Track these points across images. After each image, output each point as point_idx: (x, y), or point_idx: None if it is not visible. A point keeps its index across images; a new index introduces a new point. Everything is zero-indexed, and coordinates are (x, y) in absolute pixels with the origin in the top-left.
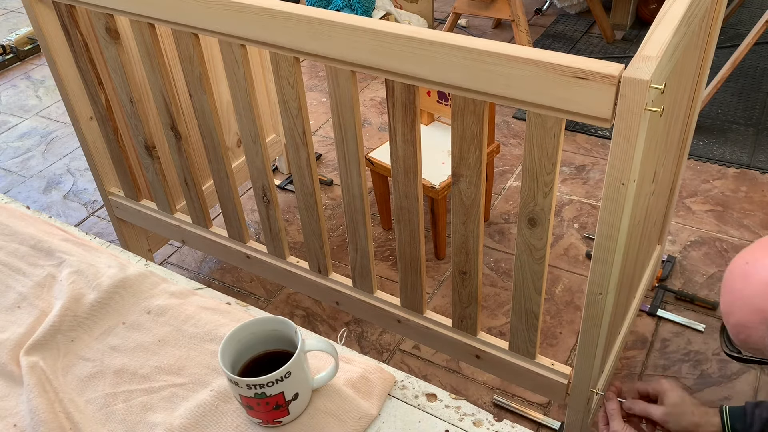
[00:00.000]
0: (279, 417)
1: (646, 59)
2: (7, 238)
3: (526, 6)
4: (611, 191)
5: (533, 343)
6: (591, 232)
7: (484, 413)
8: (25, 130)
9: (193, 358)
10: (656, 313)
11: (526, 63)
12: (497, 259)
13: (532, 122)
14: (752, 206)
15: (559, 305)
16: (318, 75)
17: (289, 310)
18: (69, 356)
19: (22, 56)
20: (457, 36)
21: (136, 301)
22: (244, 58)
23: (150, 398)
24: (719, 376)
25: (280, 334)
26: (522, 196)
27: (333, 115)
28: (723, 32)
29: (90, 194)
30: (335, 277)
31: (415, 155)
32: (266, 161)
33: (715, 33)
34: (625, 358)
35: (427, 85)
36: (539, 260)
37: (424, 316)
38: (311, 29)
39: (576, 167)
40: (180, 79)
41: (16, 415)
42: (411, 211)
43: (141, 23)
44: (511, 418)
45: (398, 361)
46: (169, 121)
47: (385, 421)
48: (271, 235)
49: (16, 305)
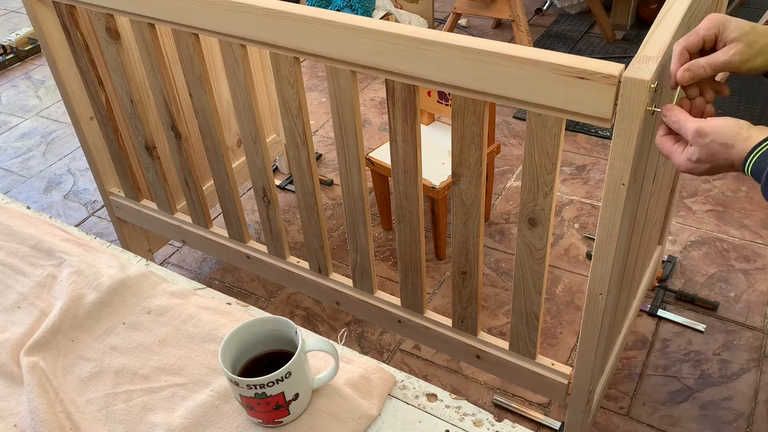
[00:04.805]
0: (279, 417)
1: (647, 59)
2: (8, 238)
3: (526, 6)
4: (611, 191)
5: (533, 343)
6: (591, 232)
7: (484, 413)
8: (25, 131)
9: (194, 358)
10: (656, 313)
11: (526, 63)
12: (497, 259)
13: (532, 122)
14: (753, 206)
15: (559, 305)
16: (318, 75)
17: (290, 310)
18: (69, 356)
19: (23, 56)
20: (457, 36)
21: (137, 301)
22: (244, 58)
23: (150, 398)
24: (719, 377)
25: (280, 334)
26: (522, 196)
27: (333, 115)
28: None
29: (90, 194)
30: (335, 277)
31: (415, 155)
32: (266, 161)
33: None
34: (625, 358)
35: (428, 85)
36: (539, 260)
37: (424, 316)
38: (311, 29)
39: (576, 167)
40: (180, 79)
41: (17, 415)
42: (411, 211)
43: (141, 23)
44: (512, 418)
45: (398, 361)
46: (169, 121)
47: (386, 422)
48: (271, 235)
49: (17, 305)
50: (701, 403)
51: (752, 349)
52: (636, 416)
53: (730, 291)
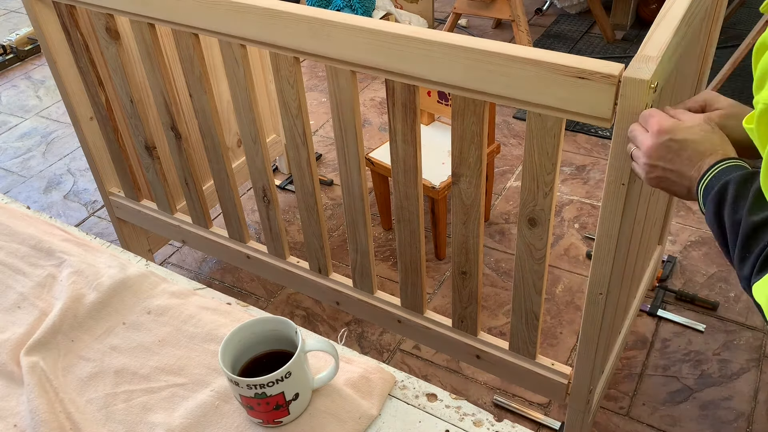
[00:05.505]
0: (279, 417)
1: (647, 59)
2: (8, 239)
3: (526, 6)
4: (611, 191)
5: (533, 343)
6: (591, 232)
7: (484, 413)
8: (25, 131)
9: (194, 358)
10: (656, 313)
11: (526, 63)
12: (497, 259)
13: (532, 122)
14: None
15: (559, 305)
16: (318, 75)
17: (290, 310)
18: (69, 356)
19: (23, 56)
20: (457, 36)
21: (137, 301)
22: (244, 58)
23: (150, 398)
24: (719, 377)
25: (280, 334)
26: (522, 196)
27: (333, 115)
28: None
29: (90, 194)
30: (335, 277)
31: (415, 155)
32: (266, 161)
33: (715, 33)
34: (625, 358)
35: (427, 85)
36: (539, 260)
37: (424, 316)
38: (311, 29)
39: (576, 167)
40: (180, 79)
41: (17, 415)
42: (411, 211)
43: (141, 23)
44: (512, 418)
45: (398, 361)
46: (169, 121)
47: (386, 422)
48: (271, 235)
49: (17, 305)
50: (701, 403)
51: (752, 349)
52: (636, 416)
53: (730, 291)
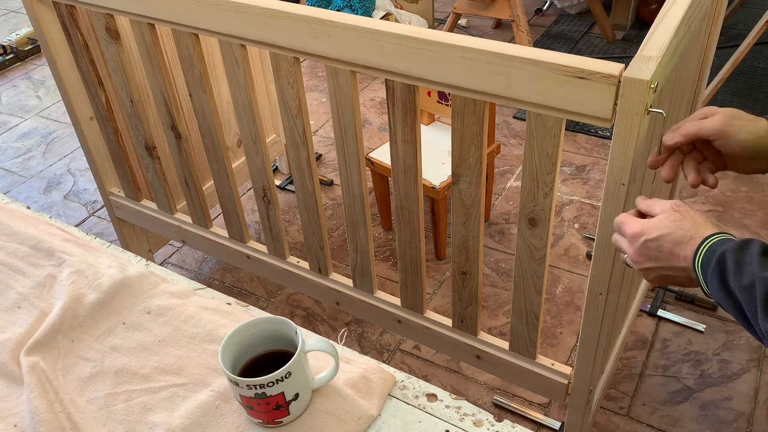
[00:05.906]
0: (279, 417)
1: (647, 59)
2: (8, 239)
3: (526, 6)
4: (611, 191)
5: (533, 344)
6: (591, 232)
7: (484, 413)
8: (25, 131)
9: (194, 358)
10: (656, 313)
11: (526, 63)
12: (497, 259)
13: (532, 122)
14: (753, 206)
15: (559, 305)
16: (318, 75)
17: (290, 310)
18: (69, 356)
19: (23, 56)
20: (457, 36)
21: (137, 301)
22: (244, 58)
23: (150, 398)
24: (719, 377)
25: (280, 334)
26: (522, 196)
27: (333, 115)
28: (723, 32)
29: (90, 194)
30: (335, 277)
31: (415, 155)
32: (266, 161)
33: (715, 33)
34: (625, 358)
35: (427, 85)
36: (539, 260)
37: (424, 317)
38: (311, 29)
39: (576, 167)
40: (180, 79)
41: (17, 416)
42: (411, 211)
43: (141, 23)
44: (512, 419)
45: (398, 361)
46: (169, 121)
47: (386, 422)
48: (271, 235)
49: (17, 305)
50: (701, 403)
51: (752, 349)
52: (636, 416)
53: None
